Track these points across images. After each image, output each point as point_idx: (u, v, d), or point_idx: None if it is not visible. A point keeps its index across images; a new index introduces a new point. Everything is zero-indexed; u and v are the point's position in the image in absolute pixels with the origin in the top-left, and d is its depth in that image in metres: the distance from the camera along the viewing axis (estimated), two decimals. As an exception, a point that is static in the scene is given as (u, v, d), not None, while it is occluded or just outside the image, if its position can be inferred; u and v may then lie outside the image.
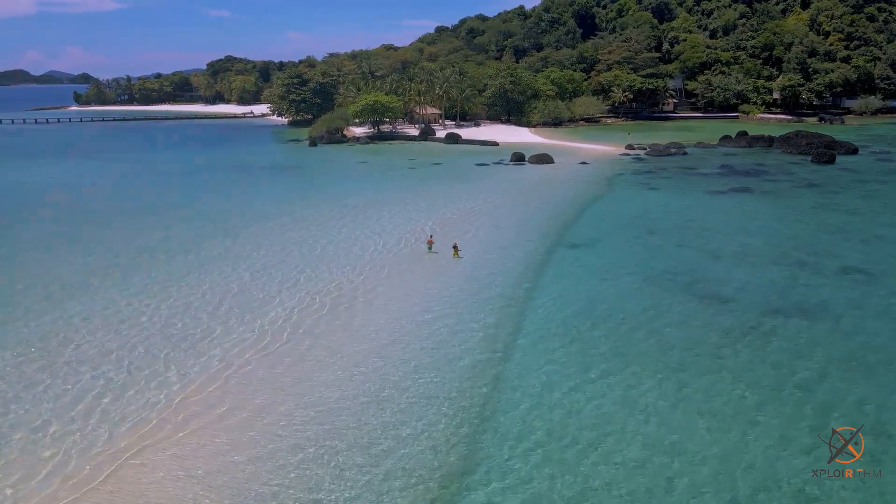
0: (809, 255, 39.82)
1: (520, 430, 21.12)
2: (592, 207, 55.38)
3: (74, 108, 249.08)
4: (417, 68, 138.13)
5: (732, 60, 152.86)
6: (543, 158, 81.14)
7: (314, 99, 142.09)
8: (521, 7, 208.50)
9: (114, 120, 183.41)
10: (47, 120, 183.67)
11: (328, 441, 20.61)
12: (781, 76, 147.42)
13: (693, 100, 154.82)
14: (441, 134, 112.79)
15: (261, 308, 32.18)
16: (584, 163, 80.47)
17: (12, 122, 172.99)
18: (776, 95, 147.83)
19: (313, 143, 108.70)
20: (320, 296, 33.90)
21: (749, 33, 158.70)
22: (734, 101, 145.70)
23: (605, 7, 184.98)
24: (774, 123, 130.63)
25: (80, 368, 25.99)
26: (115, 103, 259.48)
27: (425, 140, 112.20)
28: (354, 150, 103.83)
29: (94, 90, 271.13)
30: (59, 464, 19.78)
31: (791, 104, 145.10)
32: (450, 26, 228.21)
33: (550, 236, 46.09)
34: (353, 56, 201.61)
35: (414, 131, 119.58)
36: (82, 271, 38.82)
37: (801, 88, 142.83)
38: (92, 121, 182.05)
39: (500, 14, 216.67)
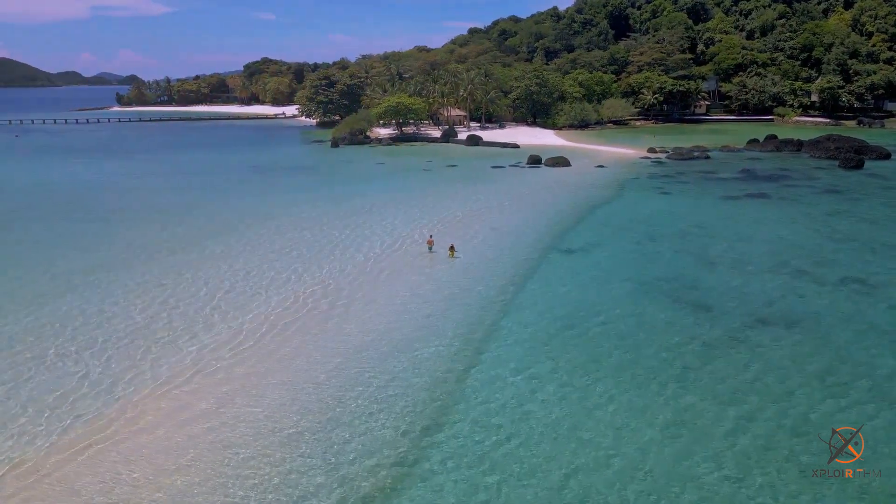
0: (811, 263, 38.23)
1: (462, 441, 20.68)
2: (597, 211, 54.32)
3: (116, 108, 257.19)
4: (442, 70, 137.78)
5: (769, 62, 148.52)
6: (560, 161, 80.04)
7: (341, 100, 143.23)
8: (555, 8, 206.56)
9: (150, 120, 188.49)
10: (87, 120, 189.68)
11: (270, 443, 20.62)
12: (820, 78, 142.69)
13: (727, 102, 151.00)
14: (463, 136, 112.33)
15: (247, 307, 32.39)
16: (600, 166, 79.14)
17: (54, 121, 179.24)
18: (814, 98, 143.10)
19: (335, 145, 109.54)
20: (305, 296, 33.96)
21: (788, 34, 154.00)
22: (769, 103, 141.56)
23: (639, 8, 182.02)
24: (811, 126, 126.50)
25: (55, 361, 26.52)
26: (155, 104, 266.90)
27: (447, 142, 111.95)
28: (375, 151, 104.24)
29: (135, 92, 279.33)
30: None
31: (830, 107, 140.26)
32: (483, 27, 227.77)
33: (548, 240, 45.44)
34: (385, 58, 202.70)
35: (437, 133, 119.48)
36: (85, 267, 39.66)
37: (840, 91, 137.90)
38: (130, 121, 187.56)
39: (532, 16, 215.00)
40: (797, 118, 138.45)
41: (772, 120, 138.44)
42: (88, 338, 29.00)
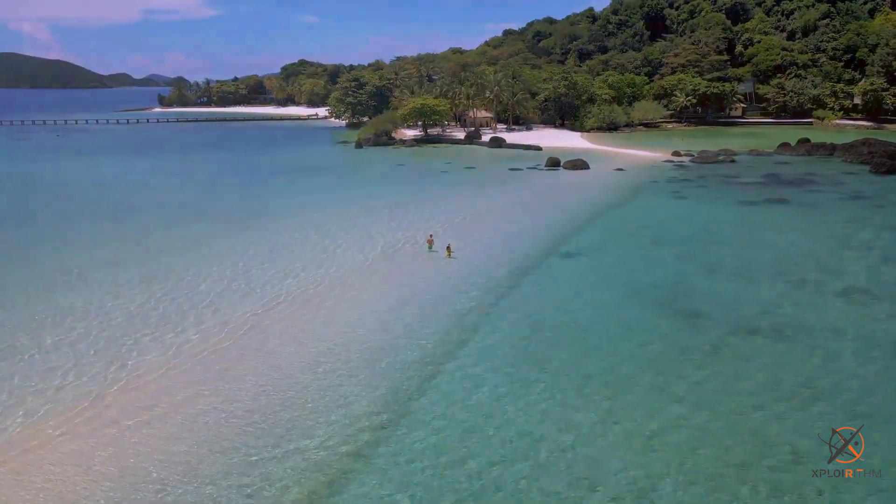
0: (816, 272, 36.74)
1: (416, 442, 20.50)
2: (605, 216, 53.36)
3: (158, 109, 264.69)
4: (468, 72, 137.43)
5: (810, 63, 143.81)
6: (578, 164, 78.91)
7: (370, 102, 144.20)
8: (591, 9, 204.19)
9: (187, 121, 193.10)
10: (128, 121, 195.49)
11: (218, 444, 20.76)
12: (864, 80, 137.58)
13: (764, 105, 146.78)
14: (487, 138, 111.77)
15: (237, 304, 32.77)
16: (620, 169, 77.69)
17: (97, 122, 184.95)
18: (857, 101, 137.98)
19: (359, 146, 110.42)
20: (293, 296, 34.11)
21: (831, 34, 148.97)
22: (809, 106, 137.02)
23: (676, 8, 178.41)
24: (851, 130, 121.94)
25: (47, 352, 27.31)
26: (195, 105, 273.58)
27: (471, 144, 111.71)
28: (397, 153, 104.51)
29: (176, 93, 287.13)
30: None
31: (873, 110, 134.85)
32: (518, 29, 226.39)
33: (550, 243, 44.84)
34: (419, 59, 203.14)
35: (462, 135, 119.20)
36: (92, 263, 40.69)
37: (884, 93, 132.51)
38: (168, 121, 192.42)
39: (568, 17, 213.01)
40: (837, 121, 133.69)
41: (811, 123, 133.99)
42: (82, 330, 29.76)
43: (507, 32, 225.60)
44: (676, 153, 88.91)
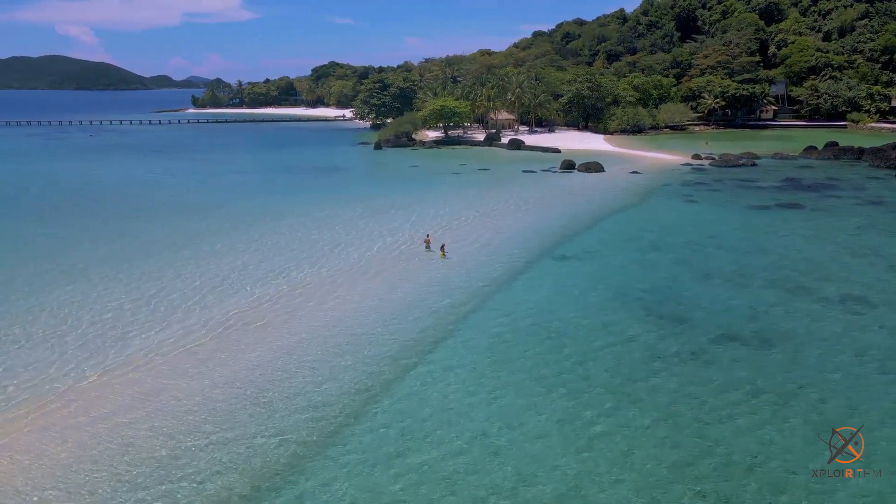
0: (815, 279, 35.44)
1: (370, 443, 20.44)
2: (610, 219, 52.46)
3: (191, 110, 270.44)
4: (489, 73, 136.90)
5: (846, 64, 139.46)
6: (592, 167, 77.79)
7: (394, 103, 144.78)
8: (621, 10, 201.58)
9: (216, 122, 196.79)
10: (160, 121, 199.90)
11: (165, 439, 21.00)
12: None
13: (796, 107, 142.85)
14: (507, 140, 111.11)
15: (226, 302, 33.14)
16: (635, 172, 76.34)
17: (130, 122, 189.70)
18: (895, 103, 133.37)
19: (378, 147, 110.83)
20: (282, 294, 34.27)
21: (868, 35, 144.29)
22: (843, 108, 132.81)
23: (709, 9, 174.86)
24: (887, 133, 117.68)
25: (37, 343, 28.03)
26: (227, 106, 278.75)
27: (490, 145, 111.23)
28: (415, 154, 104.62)
29: (209, 94, 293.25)
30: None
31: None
32: (547, 30, 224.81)
33: (548, 246, 44.32)
34: (448, 61, 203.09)
35: (482, 136, 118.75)
36: (96, 259, 41.67)
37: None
38: (198, 122, 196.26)
39: (597, 18, 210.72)
40: (873, 124, 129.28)
41: (845, 126, 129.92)
42: (74, 323, 30.51)
43: (537, 34, 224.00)
44: (696, 156, 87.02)
